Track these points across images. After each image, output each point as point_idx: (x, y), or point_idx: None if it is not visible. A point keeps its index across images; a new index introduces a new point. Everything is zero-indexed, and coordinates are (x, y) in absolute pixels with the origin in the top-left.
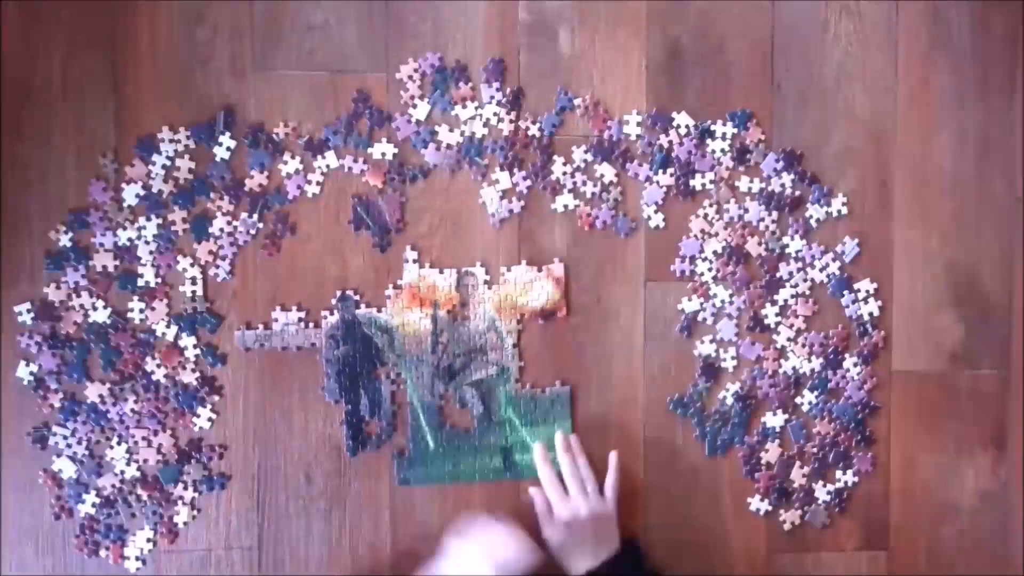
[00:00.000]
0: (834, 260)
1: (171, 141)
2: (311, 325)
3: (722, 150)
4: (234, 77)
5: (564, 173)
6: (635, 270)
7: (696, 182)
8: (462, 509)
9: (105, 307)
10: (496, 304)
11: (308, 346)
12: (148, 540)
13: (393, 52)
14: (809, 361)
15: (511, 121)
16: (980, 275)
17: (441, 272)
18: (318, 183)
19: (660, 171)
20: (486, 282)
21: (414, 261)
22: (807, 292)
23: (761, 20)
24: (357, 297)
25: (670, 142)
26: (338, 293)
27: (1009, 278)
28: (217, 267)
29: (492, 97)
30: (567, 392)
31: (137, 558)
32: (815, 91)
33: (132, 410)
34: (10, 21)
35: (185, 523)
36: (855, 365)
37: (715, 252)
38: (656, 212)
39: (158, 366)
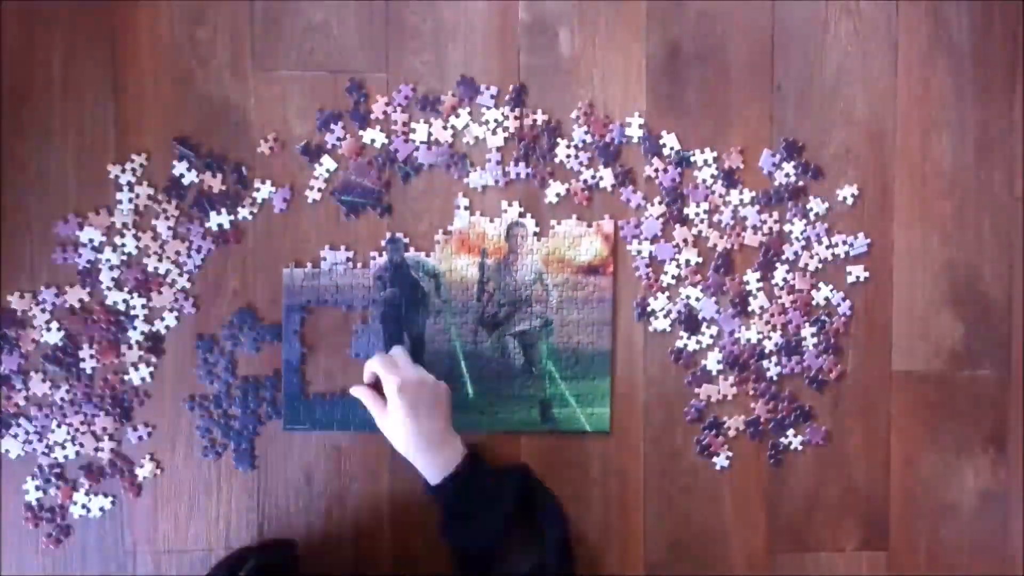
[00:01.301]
0: (836, 247)
1: (130, 171)
2: (359, 265)
3: (712, 175)
4: (234, 77)
5: (568, 156)
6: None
7: (690, 210)
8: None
9: (59, 330)
10: (544, 256)
11: (356, 286)
12: (107, 496)
13: (393, 52)
14: (770, 337)
15: (516, 118)
16: (980, 275)
17: (491, 221)
18: (319, 189)
19: (651, 203)
20: (535, 234)
21: (465, 208)
22: (797, 275)
23: (761, 20)
24: (407, 240)
25: (656, 171)
26: (388, 235)
27: (1009, 278)
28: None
29: (492, 97)
30: (607, 350)
31: (84, 506)
32: (815, 91)
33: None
34: (10, 21)
35: (146, 478)
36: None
37: (687, 261)
38: (646, 242)
39: (91, 356)
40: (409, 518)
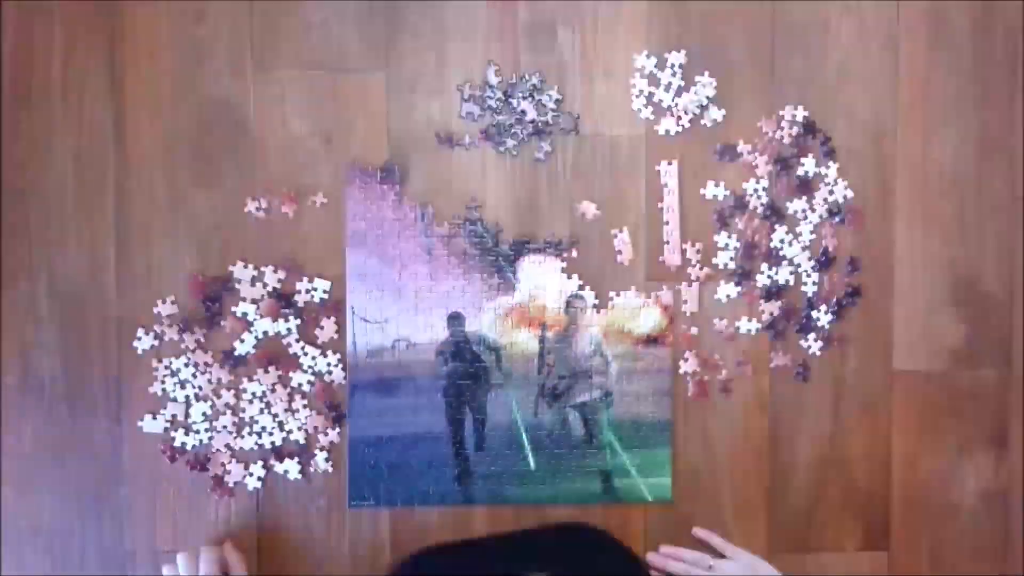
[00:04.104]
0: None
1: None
2: (422, 342)
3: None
4: (234, 77)
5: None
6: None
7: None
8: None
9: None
10: (603, 328)
11: (420, 362)
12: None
13: (393, 52)
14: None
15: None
16: (980, 275)
17: (551, 294)
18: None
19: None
20: (594, 306)
21: (524, 282)
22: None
23: (761, 20)
24: (467, 316)
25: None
26: (449, 309)
27: (1009, 278)
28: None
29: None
30: (668, 419)
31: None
32: (815, 91)
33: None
34: (10, 21)
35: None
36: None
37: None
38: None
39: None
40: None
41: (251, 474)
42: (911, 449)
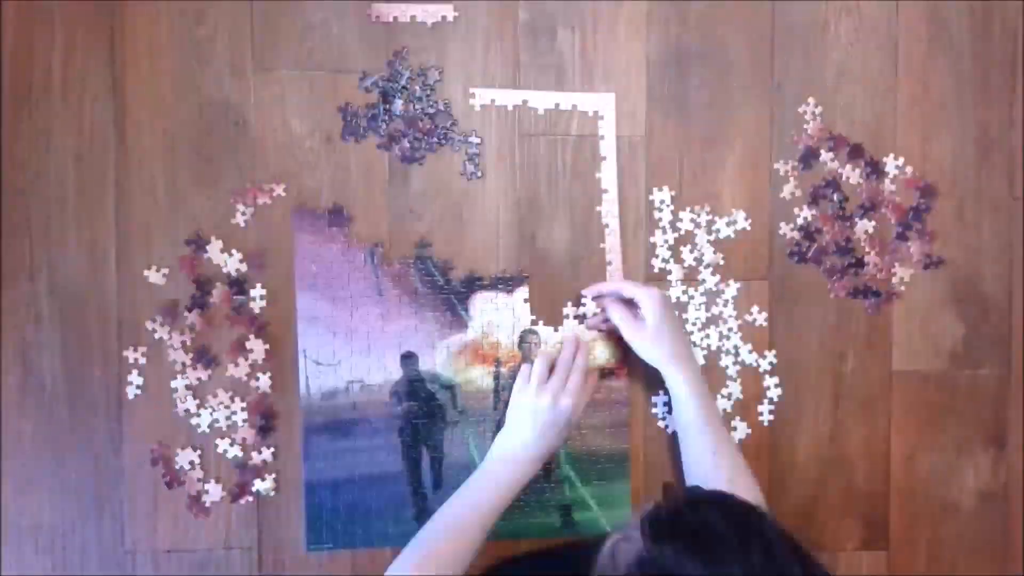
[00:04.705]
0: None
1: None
2: (375, 382)
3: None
4: (234, 77)
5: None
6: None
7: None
8: None
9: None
10: None
11: (373, 403)
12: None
13: (393, 52)
14: None
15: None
16: (980, 275)
17: (504, 330)
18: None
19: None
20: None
21: (478, 317)
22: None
23: (761, 20)
24: (420, 355)
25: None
26: (402, 349)
27: (1009, 278)
28: None
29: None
30: (625, 451)
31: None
32: (815, 91)
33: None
34: (10, 21)
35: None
36: None
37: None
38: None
39: None
40: None
41: (224, 492)
42: (910, 449)
